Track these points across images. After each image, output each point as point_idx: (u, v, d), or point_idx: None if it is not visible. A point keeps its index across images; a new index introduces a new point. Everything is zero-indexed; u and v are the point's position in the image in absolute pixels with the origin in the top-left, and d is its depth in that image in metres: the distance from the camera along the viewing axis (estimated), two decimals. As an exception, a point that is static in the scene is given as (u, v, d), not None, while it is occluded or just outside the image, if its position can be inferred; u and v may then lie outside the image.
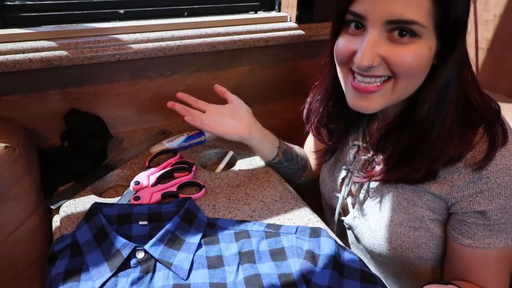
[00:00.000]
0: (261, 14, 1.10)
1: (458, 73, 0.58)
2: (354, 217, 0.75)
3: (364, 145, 0.74)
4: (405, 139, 0.62)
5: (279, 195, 0.81)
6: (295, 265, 0.62)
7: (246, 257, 0.63)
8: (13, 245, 0.72)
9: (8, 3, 0.85)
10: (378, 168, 0.68)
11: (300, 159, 0.91)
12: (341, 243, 0.68)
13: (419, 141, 0.60)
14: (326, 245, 0.63)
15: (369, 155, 0.72)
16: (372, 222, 0.70)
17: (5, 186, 0.70)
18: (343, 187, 0.76)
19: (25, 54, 0.79)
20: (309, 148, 0.95)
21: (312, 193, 0.86)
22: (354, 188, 0.75)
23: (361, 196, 0.72)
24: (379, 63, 0.56)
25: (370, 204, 0.71)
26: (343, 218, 0.78)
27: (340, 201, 0.77)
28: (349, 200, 0.76)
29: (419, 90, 0.60)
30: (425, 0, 0.52)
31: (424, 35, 0.54)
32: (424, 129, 0.59)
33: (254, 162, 0.90)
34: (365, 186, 0.72)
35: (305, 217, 0.75)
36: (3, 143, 0.70)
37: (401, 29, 0.54)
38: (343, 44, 0.60)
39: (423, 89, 0.59)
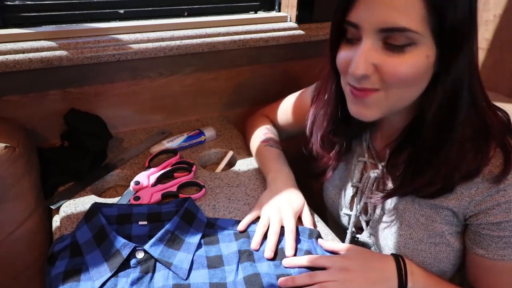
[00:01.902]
0: (261, 14, 1.10)
1: (468, 82, 0.57)
2: (370, 234, 0.73)
3: (371, 161, 0.72)
4: (418, 153, 0.60)
5: (279, 195, 0.80)
6: None
7: (245, 255, 0.63)
8: (13, 245, 0.72)
9: (8, 3, 0.85)
10: (391, 184, 0.66)
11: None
12: (343, 244, 0.68)
13: (432, 154, 0.59)
14: None
15: (378, 171, 0.70)
16: (391, 240, 0.68)
17: (5, 186, 0.70)
18: (354, 205, 0.74)
19: (25, 54, 0.79)
20: (284, 118, 0.94)
21: (312, 193, 0.85)
22: (367, 206, 0.73)
23: (377, 214, 0.70)
24: (372, 72, 0.55)
25: (387, 222, 0.69)
26: (357, 236, 0.75)
27: (352, 219, 0.74)
28: (362, 218, 0.73)
29: (422, 98, 0.58)
30: (418, 7, 0.51)
31: (420, 42, 0.53)
32: (436, 142, 0.58)
33: (254, 162, 0.90)
34: (380, 204, 0.69)
35: (305, 217, 0.75)
36: (3, 143, 0.70)
37: (395, 37, 0.53)
38: (342, 55, 0.59)
39: (426, 97, 0.58)
